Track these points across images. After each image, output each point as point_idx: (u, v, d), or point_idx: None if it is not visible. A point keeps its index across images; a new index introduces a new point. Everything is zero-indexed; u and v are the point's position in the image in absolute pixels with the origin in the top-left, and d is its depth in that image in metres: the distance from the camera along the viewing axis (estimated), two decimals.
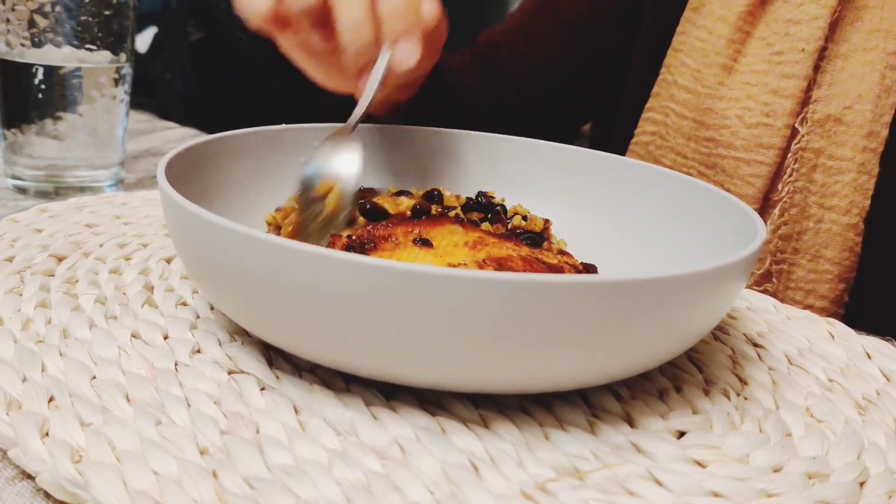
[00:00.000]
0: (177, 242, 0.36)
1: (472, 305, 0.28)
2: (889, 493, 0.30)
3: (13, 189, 0.61)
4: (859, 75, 0.56)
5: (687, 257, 0.43)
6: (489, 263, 0.37)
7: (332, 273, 0.28)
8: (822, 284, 0.57)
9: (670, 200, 0.46)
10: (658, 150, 0.64)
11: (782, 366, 0.40)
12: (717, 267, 0.31)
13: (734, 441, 0.32)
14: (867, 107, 0.56)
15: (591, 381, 0.33)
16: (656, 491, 0.28)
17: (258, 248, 0.30)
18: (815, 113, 0.57)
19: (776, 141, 0.58)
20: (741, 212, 0.40)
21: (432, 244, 0.39)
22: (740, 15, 0.60)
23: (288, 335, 0.32)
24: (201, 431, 0.30)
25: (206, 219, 0.31)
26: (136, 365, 0.34)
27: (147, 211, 0.53)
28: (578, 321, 0.29)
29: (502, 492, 0.28)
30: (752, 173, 0.58)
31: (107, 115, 0.60)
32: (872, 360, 0.41)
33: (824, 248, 0.57)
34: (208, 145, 0.44)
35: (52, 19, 0.57)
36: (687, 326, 0.33)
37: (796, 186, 0.58)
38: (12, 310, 0.38)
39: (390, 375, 0.31)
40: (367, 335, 0.29)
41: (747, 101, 0.59)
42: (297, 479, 0.27)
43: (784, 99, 0.58)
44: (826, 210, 0.57)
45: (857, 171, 0.56)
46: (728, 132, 0.59)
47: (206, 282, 0.34)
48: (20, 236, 0.46)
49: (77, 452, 0.28)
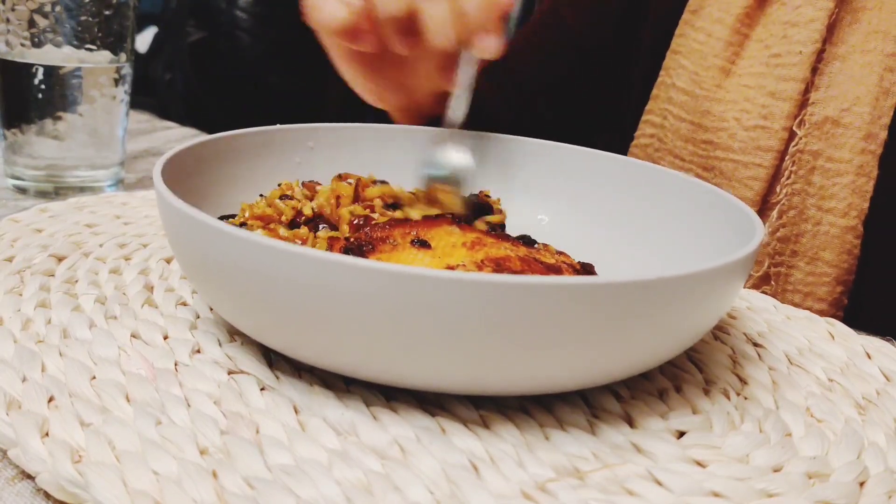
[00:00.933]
0: (174, 245, 0.36)
1: (471, 308, 0.28)
2: (889, 492, 0.30)
3: (13, 189, 0.61)
4: (857, 77, 0.56)
5: (685, 257, 0.43)
6: (487, 264, 0.37)
7: (332, 276, 0.28)
8: (820, 287, 0.57)
9: (668, 200, 0.46)
10: (656, 153, 0.64)
11: (782, 366, 0.40)
12: (716, 267, 0.31)
13: (734, 441, 0.32)
14: (865, 109, 0.56)
15: (591, 381, 0.33)
16: (656, 491, 0.28)
17: (255, 250, 0.30)
18: (813, 115, 0.57)
19: (774, 143, 0.58)
20: (740, 211, 0.40)
21: (430, 245, 0.39)
22: (738, 17, 0.60)
23: (287, 338, 0.32)
24: (201, 431, 0.30)
25: (202, 221, 0.31)
26: (136, 365, 0.34)
27: (147, 211, 0.53)
28: (578, 322, 0.29)
29: (502, 492, 0.28)
30: (749, 176, 0.58)
31: (107, 115, 0.60)
32: (872, 359, 0.41)
33: (822, 251, 0.57)
34: (203, 147, 0.44)
35: (52, 19, 0.57)
36: (686, 326, 0.33)
37: (794, 189, 0.58)
38: (12, 310, 0.38)
39: (391, 378, 0.31)
40: (366, 338, 0.29)
41: (745, 103, 0.59)
42: (297, 479, 0.27)
43: (782, 102, 0.57)
44: (824, 212, 0.57)
45: (855, 173, 0.56)
46: (726, 135, 0.59)
47: (203, 284, 0.34)
48: (20, 236, 0.46)
49: (77, 452, 0.28)
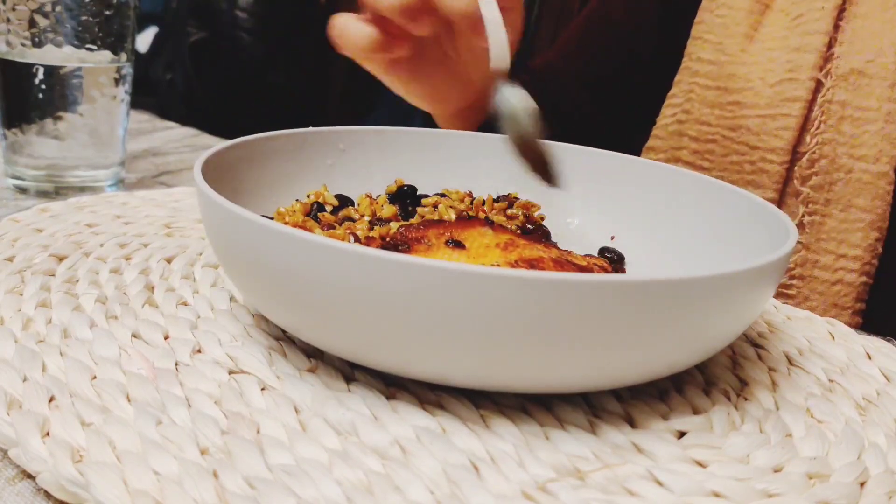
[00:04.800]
0: (217, 242, 0.36)
1: (520, 304, 0.28)
2: (889, 493, 0.30)
3: (14, 189, 0.61)
4: (879, 32, 0.58)
5: (718, 261, 0.43)
6: (521, 265, 0.37)
7: (382, 273, 0.29)
8: (854, 234, 0.58)
9: (698, 204, 0.45)
10: (682, 125, 0.65)
11: (782, 366, 0.40)
12: (754, 267, 0.31)
13: (735, 441, 0.32)
14: (890, 59, 0.57)
15: (626, 380, 0.33)
16: (657, 491, 0.28)
17: (305, 249, 0.30)
18: (839, 67, 0.59)
19: (801, 93, 0.59)
20: (773, 216, 0.40)
21: (465, 246, 0.39)
22: None
23: (330, 334, 0.32)
24: (202, 431, 0.30)
25: (252, 220, 0.31)
26: (136, 365, 0.34)
27: (147, 211, 0.53)
28: (621, 320, 0.29)
29: (503, 492, 0.28)
30: (779, 126, 0.59)
31: (107, 114, 0.60)
32: (873, 360, 0.41)
33: (855, 198, 0.58)
34: (240, 147, 0.44)
35: (52, 19, 0.57)
36: (726, 325, 0.33)
37: (825, 138, 0.59)
38: (13, 309, 0.38)
39: (434, 376, 0.32)
40: (417, 336, 0.30)
41: (769, 63, 0.60)
42: (298, 479, 0.27)
43: (807, 54, 0.59)
44: (856, 160, 0.58)
45: (884, 120, 0.57)
46: (752, 93, 0.61)
47: (253, 287, 0.35)
48: (21, 236, 0.46)
49: (77, 452, 0.28)
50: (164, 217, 0.52)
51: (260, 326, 0.38)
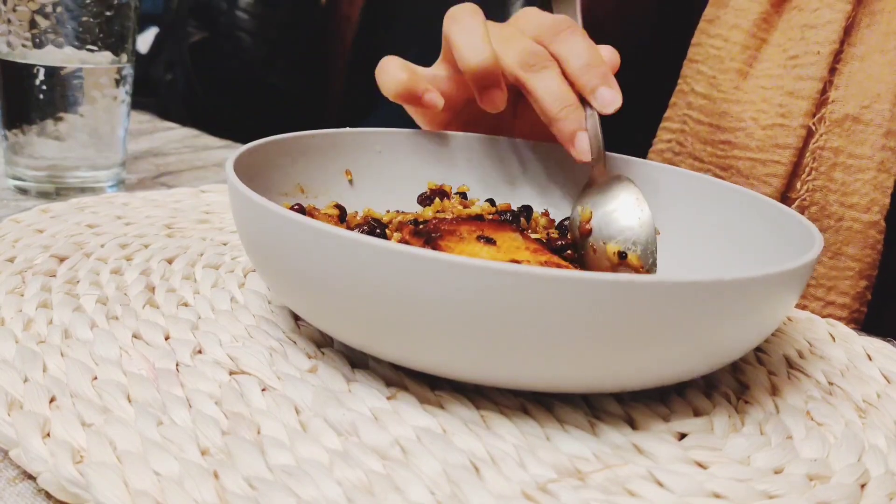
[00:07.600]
0: (251, 243, 0.36)
1: (572, 304, 0.28)
2: (890, 495, 0.30)
3: (14, 189, 0.61)
4: (877, 76, 0.57)
5: (744, 265, 0.43)
6: (551, 265, 0.38)
7: (429, 273, 0.29)
8: (843, 281, 0.58)
9: (720, 210, 0.45)
10: (676, 157, 0.64)
11: (783, 369, 0.40)
12: (795, 267, 0.32)
13: (735, 443, 0.32)
14: (886, 106, 0.56)
15: (662, 380, 0.33)
16: (657, 492, 0.29)
17: (353, 249, 0.30)
18: (833, 113, 0.58)
19: (792, 140, 0.58)
20: (798, 223, 0.40)
21: (496, 242, 0.40)
22: (755, 22, 0.61)
23: (373, 337, 0.32)
24: (202, 432, 0.30)
25: (290, 218, 0.31)
26: (137, 365, 0.34)
27: (148, 211, 0.53)
28: (675, 320, 0.30)
29: (503, 492, 0.28)
30: (768, 173, 0.59)
31: (108, 115, 0.60)
32: (873, 361, 0.41)
33: (845, 246, 0.57)
34: (274, 145, 0.44)
35: (53, 20, 0.57)
36: (759, 326, 0.33)
37: (815, 185, 0.58)
38: (14, 310, 0.38)
39: (480, 377, 0.32)
40: (464, 337, 0.30)
41: (762, 104, 0.59)
42: (299, 479, 0.27)
43: (800, 100, 0.58)
44: (846, 208, 0.57)
45: (876, 169, 0.56)
46: (743, 134, 0.60)
47: (293, 290, 0.35)
48: (21, 237, 0.46)
49: (78, 453, 0.28)
50: (165, 218, 0.52)
51: (261, 327, 0.38)
